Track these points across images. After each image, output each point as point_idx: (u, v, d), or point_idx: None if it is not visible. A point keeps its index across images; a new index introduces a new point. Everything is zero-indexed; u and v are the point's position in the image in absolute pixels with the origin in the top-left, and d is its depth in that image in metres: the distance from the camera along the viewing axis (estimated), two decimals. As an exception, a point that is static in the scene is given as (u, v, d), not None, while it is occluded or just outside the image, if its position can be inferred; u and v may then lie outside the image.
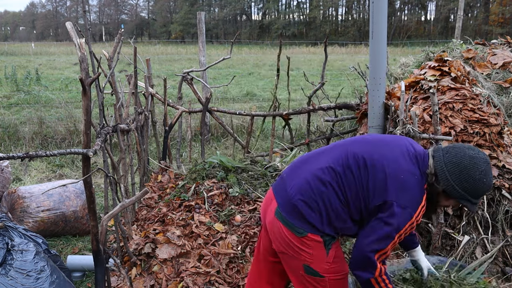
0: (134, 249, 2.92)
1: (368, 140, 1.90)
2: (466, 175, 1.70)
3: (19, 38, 61.30)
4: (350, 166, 1.78)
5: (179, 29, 55.53)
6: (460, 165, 1.71)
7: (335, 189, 1.78)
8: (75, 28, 1.97)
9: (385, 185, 1.70)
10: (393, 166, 1.73)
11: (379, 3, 2.95)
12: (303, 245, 1.81)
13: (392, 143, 1.85)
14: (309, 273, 1.84)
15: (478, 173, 1.70)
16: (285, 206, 1.84)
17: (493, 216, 2.80)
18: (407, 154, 1.78)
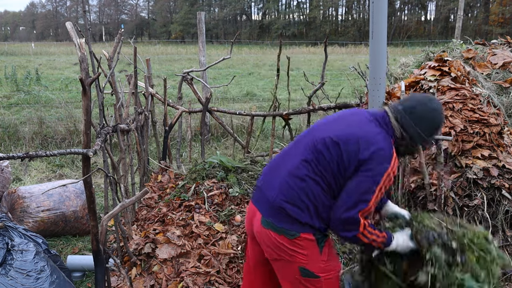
0: (134, 249, 2.92)
1: (330, 120, 1.95)
2: (433, 124, 1.87)
3: (19, 38, 61.30)
4: (320, 151, 1.81)
5: (179, 29, 55.53)
6: (427, 120, 1.85)
7: (313, 179, 1.79)
8: (75, 28, 1.97)
9: (357, 149, 1.76)
10: (359, 133, 1.80)
11: (379, 3, 2.95)
12: (296, 247, 1.81)
13: (352, 116, 1.92)
14: (305, 275, 1.85)
15: (440, 118, 1.88)
16: (271, 213, 1.84)
17: (493, 216, 2.80)
18: (368, 120, 1.87)
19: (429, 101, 1.88)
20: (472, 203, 2.76)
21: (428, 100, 1.88)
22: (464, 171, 2.83)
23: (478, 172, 2.78)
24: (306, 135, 1.93)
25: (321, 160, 1.80)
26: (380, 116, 1.90)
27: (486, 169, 2.78)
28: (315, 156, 1.81)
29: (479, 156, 2.83)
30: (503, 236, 2.79)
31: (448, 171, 2.86)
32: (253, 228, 1.94)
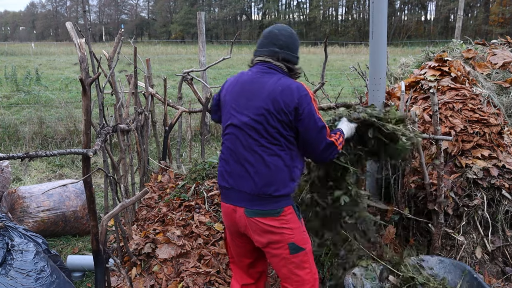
0: (134, 249, 2.92)
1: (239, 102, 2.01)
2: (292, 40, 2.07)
3: (19, 38, 61.25)
4: (256, 129, 1.93)
5: (179, 29, 55.52)
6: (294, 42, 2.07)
7: (270, 155, 1.93)
8: (75, 28, 1.97)
9: (283, 101, 1.91)
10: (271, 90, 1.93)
11: (379, 3, 2.95)
12: (283, 223, 1.96)
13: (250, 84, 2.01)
14: (294, 251, 1.98)
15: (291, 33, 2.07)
16: (253, 202, 1.94)
17: (493, 216, 2.80)
18: (261, 76, 2.00)
19: (283, 29, 2.07)
20: (472, 203, 2.76)
21: (282, 28, 2.08)
22: (464, 171, 2.83)
23: (478, 172, 2.78)
24: (232, 127, 2.00)
25: (263, 133, 1.92)
26: (262, 68, 2.02)
27: (486, 169, 2.78)
28: (258, 135, 1.93)
29: (479, 156, 2.83)
30: (503, 236, 2.79)
31: (448, 171, 2.86)
32: (238, 224, 2.02)
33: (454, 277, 2.44)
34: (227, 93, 2.07)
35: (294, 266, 2.01)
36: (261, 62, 2.04)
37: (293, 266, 2.01)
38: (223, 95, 2.09)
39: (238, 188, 1.97)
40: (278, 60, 2.02)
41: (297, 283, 2.03)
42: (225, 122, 2.05)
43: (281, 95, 1.91)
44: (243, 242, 2.11)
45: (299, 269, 2.02)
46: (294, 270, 2.01)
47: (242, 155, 1.96)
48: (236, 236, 2.11)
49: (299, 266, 2.01)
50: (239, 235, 2.09)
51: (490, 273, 2.76)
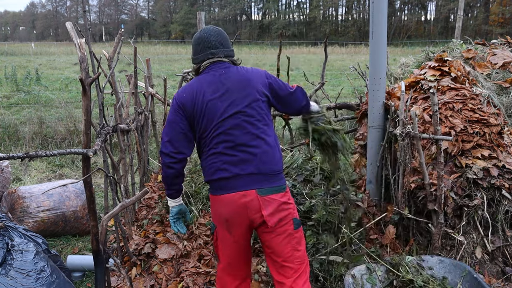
0: (134, 249, 2.92)
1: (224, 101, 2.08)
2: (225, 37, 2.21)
3: (19, 38, 61.24)
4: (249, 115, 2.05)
5: (179, 29, 55.51)
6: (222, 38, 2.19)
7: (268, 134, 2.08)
8: (75, 28, 1.97)
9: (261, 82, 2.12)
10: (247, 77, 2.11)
11: (379, 3, 2.95)
12: (288, 198, 2.10)
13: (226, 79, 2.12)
14: (297, 226, 2.10)
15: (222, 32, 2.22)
16: (264, 182, 2.03)
17: (493, 216, 2.79)
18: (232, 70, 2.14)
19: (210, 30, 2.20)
20: (472, 203, 2.76)
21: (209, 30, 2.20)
22: (464, 171, 2.83)
23: (478, 172, 2.78)
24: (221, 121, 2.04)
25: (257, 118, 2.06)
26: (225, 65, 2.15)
27: (486, 169, 2.78)
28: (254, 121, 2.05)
29: (479, 156, 2.83)
30: (503, 236, 2.79)
31: (448, 171, 2.86)
32: (248, 209, 2.01)
33: (454, 277, 2.44)
34: (200, 99, 2.07)
35: (296, 241, 2.09)
36: (213, 63, 2.15)
37: (295, 242, 2.09)
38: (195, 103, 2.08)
39: (245, 173, 2.02)
40: (226, 57, 2.17)
41: (298, 260, 2.09)
42: (213, 121, 2.05)
43: (254, 78, 2.10)
44: (240, 231, 2.07)
45: (299, 245, 2.11)
46: (296, 246, 2.09)
47: (242, 142, 2.03)
48: (236, 227, 2.06)
49: (299, 241, 2.11)
50: (239, 224, 2.05)
51: (490, 273, 2.76)
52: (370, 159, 3.23)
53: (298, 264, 2.09)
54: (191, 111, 2.06)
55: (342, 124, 6.08)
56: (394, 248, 2.96)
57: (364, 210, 3.14)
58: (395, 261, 2.52)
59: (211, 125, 2.05)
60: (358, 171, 3.57)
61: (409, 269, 2.45)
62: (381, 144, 3.15)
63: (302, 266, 2.10)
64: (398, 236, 3.04)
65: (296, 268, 2.08)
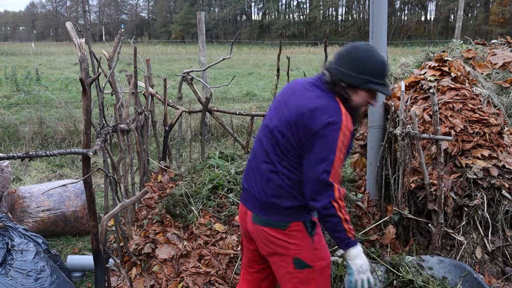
0: (134, 249, 2.92)
1: (278, 108, 1.94)
2: (354, 58, 1.79)
3: (19, 38, 61.24)
4: (277, 141, 1.85)
5: (179, 29, 55.51)
6: (345, 55, 1.82)
7: (284, 167, 1.84)
8: (75, 28, 1.97)
9: (305, 124, 1.77)
10: (305, 106, 1.79)
11: (379, 3, 2.95)
12: (289, 238, 1.86)
13: (292, 94, 1.90)
14: (299, 267, 1.88)
15: (360, 51, 1.80)
16: (260, 209, 1.89)
17: (493, 216, 2.79)
18: (308, 87, 1.87)
19: (357, 46, 1.84)
20: (472, 203, 2.76)
21: (356, 45, 1.85)
22: (464, 171, 2.83)
23: (478, 172, 2.78)
24: (264, 128, 1.96)
25: (282, 147, 1.84)
26: (317, 79, 1.90)
27: (486, 169, 2.78)
28: (276, 148, 1.86)
29: (479, 156, 2.83)
30: (503, 236, 2.79)
31: (448, 171, 2.86)
32: (247, 227, 2.00)
33: (454, 277, 2.43)
34: (276, 101, 1.99)
35: (299, 281, 1.91)
36: (321, 73, 1.91)
37: (297, 281, 1.91)
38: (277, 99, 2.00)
39: (252, 192, 1.94)
40: (329, 74, 1.85)
41: None
42: (263, 121, 2.02)
43: (310, 114, 1.77)
44: (253, 246, 2.06)
45: (304, 285, 1.91)
46: (299, 286, 1.91)
47: (260, 159, 1.92)
48: (247, 239, 2.09)
49: (304, 282, 1.91)
50: (249, 238, 2.06)
51: (490, 273, 2.76)
52: (370, 159, 3.23)
53: None
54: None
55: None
56: (394, 248, 2.96)
57: (365, 210, 3.14)
58: (395, 261, 2.52)
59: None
60: (358, 171, 3.57)
61: (409, 269, 2.46)
62: (381, 144, 3.15)
63: None
64: (398, 236, 3.04)
65: None
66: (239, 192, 3.19)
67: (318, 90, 1.84)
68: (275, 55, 7.33)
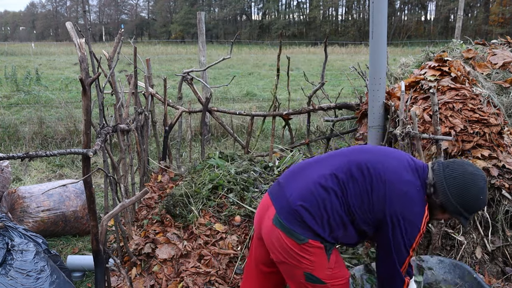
0: (134, 249, 2.92)
1: (369, 149, 1.91)
2: (465, 190, 1.71)
3: (19, 38, 61.26)
4: (353, 175, 1.77)
5: (179, 29, 55.52)
6: (459, 181, 1.72)
7: (338, 196, 1.76)
8: (75, 28, 1.97)
9: (387, 196, 1.71)
10: (394, 177, 1.74)
11: (379, 3, 2.95)
12: (304, 252, 1.78)
13: (392, 154, 1.86)
14: (310, 280, 1.82)
15: (476, 190, 1.71)
16: (285, 212, 1.80)
17: (493, 216, 2.79)
18: (408, 165, 1.80)
19: (475, 180, 1.73)
20: (472, 203, 2.76)
21: (475, 178, 1.73)
22: (464, 171, 2.83)
23: (478, 172, 2.78)
24: (342, 154, 1.89)
25: (351, 185, 1.77)
26: (420, 166, 1.83)
27: (486, 169, 2.78)
28: (347, 178, 1.78)
29: (479, 156, 2.83)
30: (503, 236, 2.79)
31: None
32: (262, 224, 1.90)
33: (454, 277, 2.43)
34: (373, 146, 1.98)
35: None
36: (426, 165, 1.84)
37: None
38: None
39: (285, 191, 1.85)
40: (433, 187, 1.76)
41: None
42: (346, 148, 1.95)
43: (396, 192, 1.71)
44: (262, 249, 1.99)
45: None
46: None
47: (318, 172, 1.83)
48: (259, 240, 2.00)
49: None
50: (260, 241, 1.98)
51: (490, 273, 2.76)
52: (370, 159, 3.23)
53: None
54: None
55: (342, 124, 6.10)
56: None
57: None
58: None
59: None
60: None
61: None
62: (381, 144, 3.14)
63: None
64: (398, 236, 3.04)
65: None
66: (239, 192, 3.19)
67: (417, 180, 1.77)
68: (275, 55, 7.34)
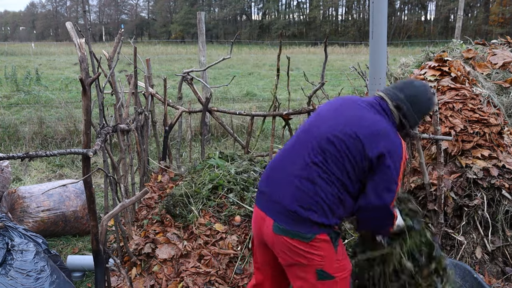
0: (134, 249, 2.92)
1: (327, 117, 1.90)
2: (420, 97, 1.90)
3: (19, 38, 61.28)
4: (327, 151, 1.79)
5: (179, 29, 55.53)
6: (412, 91, 1.90)
7: (325, 179, 1.77)
8: (75, 28, 1.97)
9: (365, 145, 1.76)
10: (361, 125, 1.79)
11: (379, 3, 2.95)
12: (313, 249, 1.79)
13: (347, 108, 1.89)
14: (321, 277, 1.82)
15: (427, 94, 1.93)
16: (283, 217, 1.79)
17: (493, 216, 2.80)
18: (365, 106, 1.87)
19: (426, 90, 1.94)
20: (472, 203, 2.76)
21: (425, 89, 1.94)
22: (464, 171, 2.83)
23: (478, 172, 2.78)
24: (306, 132, 1.88)
25: (329, 159, 1.77)
26: (375, 102, 1.90)
27: (486, 169, 2.78)
28: (322, 156, 1.78)
29: (479, 156, 2.83)
30: (503, 236, 2.79)
31: (448, 171, 2.86)
32: (263, 234, 1.89)
33: (454, 277, 2.43)
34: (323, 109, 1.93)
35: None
36: (378, 96, 1.93)
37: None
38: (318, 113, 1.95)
39: (274, 198, 1.83)
40: (397, 108, 1.88)
41: None
42: (301, 127, 1.93)
43: (371, 137, 1.76)
44: (268, 252, 1.98)
45: None
46: None
47: (294, 166, 1.82)
48: (261, 245, 1.98)
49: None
50: (264, 245, 1.96)
51: (490, 273, 2.76)
52: (370, 159, 3.23)
53: None
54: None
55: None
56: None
57: None
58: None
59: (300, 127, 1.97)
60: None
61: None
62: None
63: None
64: (398, 236, 3.04)
65: None
66: (239, 192, 3.19)
67: (379, 115, 1.85)
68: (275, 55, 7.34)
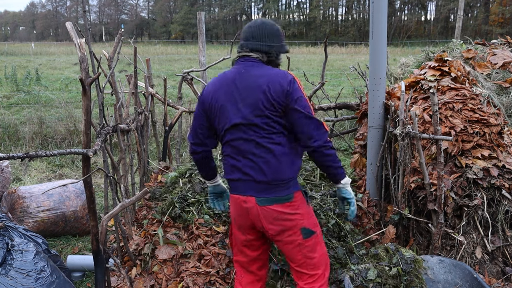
0: (134, 249, 2.92)
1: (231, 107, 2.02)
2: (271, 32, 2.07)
3: (19, 38, 61.30)
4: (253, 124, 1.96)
5: (179, 29, 55.54)
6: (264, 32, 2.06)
7: (272, 143, 1.97)
8: (75, 28, 1.97)
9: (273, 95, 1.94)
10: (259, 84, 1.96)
11: (379, 3, 2.95)
12: (293, 209, 2.01)
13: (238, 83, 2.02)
14: (306, 235, 2.03)
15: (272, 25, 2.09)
16: (261, 191, 1.99)
17: (493, 216, 2.79)
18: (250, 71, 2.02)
19: (253, 23, 2.10)
20: (472, 203, 2.76)
21: (252, 23, 2.11)
22: (464, 171, 2.83)
23: (478, 172, 2.78)
24: (229, 128, 2.01)
25: (263, 127, 1.96)
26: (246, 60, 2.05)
27: (486, 169, 2.78)
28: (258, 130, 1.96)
29: (479, 156, 2.83)
30: (503, 236, 2.79)
31: (448, 171, 2.86)
32: (250, 214, 2.03)
33: (454, 277, 2.44)
34: (215, 100, 2.04)
35: (308, 250, 2.06)
36: (241, 57, 2.10)
37: (307, 250, 2.06)
38: (211, 103, 2.05)
39: (247, 179, 2.00)
40: (252, 51, 2.06)
41: (312, 267, 2.07)
42: (223, 125, 2.04)
43: (270, 85, 1.95)
44: (251, 235, 2.12)
45: (313, 252, 2.07)
46: (309, 254, 2.06)
47: (247, 150, 2.00)
48: (245, 229, 2.11)
49: (313, 249, 2.07)
50: (248, 227, 2.10)
51: (490, 273, 2.76)
52: (370, 159, 3.23)
53: (312, 270, 2.07)
54: (208, 109, 2.07)
55: (342, 124, 6.10)
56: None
57: (364, 210, 3.14)
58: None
59: (222, 130, 2.05)
60: (358, 171, 3.57)
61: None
62: (381, 144, 3.15)
63: (319, 271, 2.08)
64: (398, 236, 3.04)
65: (310, 274, 2.08)
66: (239, 192, 3.19)
67: (257, 67, 2.02)
68: (275, 55, 7.35)
